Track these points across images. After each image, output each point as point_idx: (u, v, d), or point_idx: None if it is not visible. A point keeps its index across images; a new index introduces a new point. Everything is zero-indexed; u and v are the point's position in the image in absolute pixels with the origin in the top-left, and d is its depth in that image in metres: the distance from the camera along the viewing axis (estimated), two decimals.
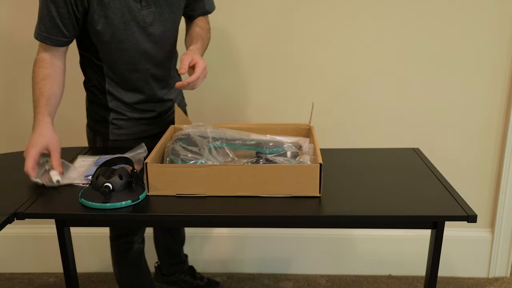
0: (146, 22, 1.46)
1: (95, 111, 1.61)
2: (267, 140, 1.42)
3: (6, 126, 2.15)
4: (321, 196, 1.25)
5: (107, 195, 1.20)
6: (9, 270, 2.34)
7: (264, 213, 1.20)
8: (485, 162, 2.12)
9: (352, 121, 2.08)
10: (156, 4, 1.46)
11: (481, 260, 2.25)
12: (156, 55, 1.54)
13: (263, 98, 2.07)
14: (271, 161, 1.31)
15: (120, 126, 1.59)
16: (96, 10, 1.40)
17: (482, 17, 1.92)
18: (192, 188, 1.26)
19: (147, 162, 1.24)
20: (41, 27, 1.42)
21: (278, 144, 1.39)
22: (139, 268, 1.82)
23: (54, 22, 1.40)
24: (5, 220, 1.17)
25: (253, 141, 1.40)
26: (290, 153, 1.35)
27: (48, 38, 1.43)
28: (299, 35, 1.97)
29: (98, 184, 1.22)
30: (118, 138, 1.60)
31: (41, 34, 1.43)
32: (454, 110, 2.05)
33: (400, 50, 1.98)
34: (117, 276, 1.83)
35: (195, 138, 1.38)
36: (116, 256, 1.79)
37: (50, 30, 1.42)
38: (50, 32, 1.42)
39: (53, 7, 1.38)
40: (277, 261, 2.30)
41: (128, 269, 1.81)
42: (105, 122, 1.59)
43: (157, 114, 1.63)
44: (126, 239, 1.74)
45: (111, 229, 1.75)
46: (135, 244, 1.76)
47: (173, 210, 1.22)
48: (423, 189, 1.32)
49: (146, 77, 1.55)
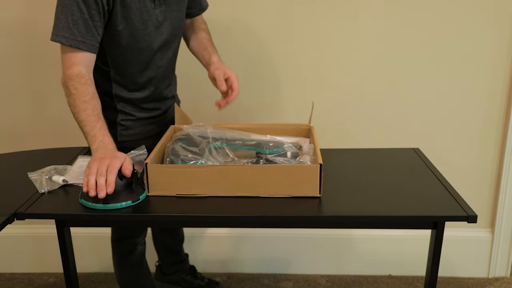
0: (159, 21, 1.46)
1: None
2: (267, 140, 1.43)
3: (6, 126, 2.15)
4: (321, 196, 1.25)
5: (107, 195, 1.20)
6: (9, 270, 2.34)
7: (264, 213, 1.20)
8: (485, 162, 2.12)
9: (352, 121, 2.08)
10: (166, 2, 1.46)
11: (481, 260, 2.24)
12: (166, 53, 1.54)
13: (263, 98, 2.06)
14: (271, 162, 1.31)
15: (128, 127, 1.58)
16: (119, 11, 1.36)
17: (482, 17, 1.92)
18: (192, 188, 1.26)
19: (147, 163, 1.24)
20: (74, 31, 1.30)
21: (278, 144, 1.39)
22: (141, 269, 1.82)
23: (88, 25, 1.31)
24: (5, 220, 1.17)
25: (253, 141, 1.41)
26: (290, 153, 1.35)
27: (84, 43, 1.32)
28: (299, 35, 1.97)
29: None
30: (126, 139, 1.58)
31: (74, 39, 1.31)
32: (454, 110, 2.05)
33: (400, 50, 1.98)
34: (118, 277, 1.83)
35: (195, 138, 1.38)
36: (118, 257, 1.78)
37: (85, 34, 1.31)
38: (85, 36, 1.32)
39: (85, 7, 1.30)
40: (277, 261, 2.30)
41: (130, 270, 1.81)
42: (113, 124, 1.56)
43: (161, 112, 1.63)
44: (129, 241, 1.74)
45: (113, 231, 1.75)
46: (138, 246, 1.76)
47: (173, 210, 1.22)
48: (423, 189, 1.32)
49: (156, 75, 1.55)
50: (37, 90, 2.08)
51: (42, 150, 1.67)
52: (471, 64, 1.98)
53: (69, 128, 2.11)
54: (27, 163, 1.49)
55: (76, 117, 1.34)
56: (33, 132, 2.14)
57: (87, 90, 1.33)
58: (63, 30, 1.31)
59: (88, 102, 1.32)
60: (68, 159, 1.51)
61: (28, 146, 1.80)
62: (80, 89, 1.32)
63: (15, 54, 2.04)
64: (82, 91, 1.32)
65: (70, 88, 1.33)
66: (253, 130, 1.53)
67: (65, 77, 1.35)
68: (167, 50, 1.54)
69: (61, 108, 2.10)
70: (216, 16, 1.73)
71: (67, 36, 1.31)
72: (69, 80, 1.33)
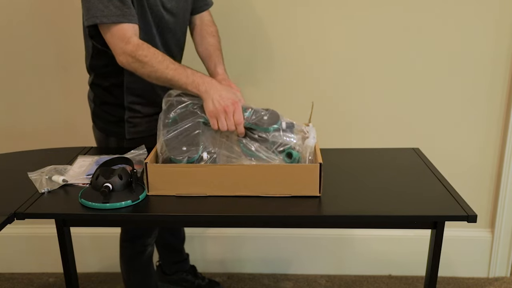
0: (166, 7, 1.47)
1: (108, 112, 1.59)
2: (262, 114, 1.36)
3: (6, 126, 2.15)
4: (321, 196, 1.25)
5: (107, 195, 1.20)
6: (9, 270, 2.34)
7: (264, 213, 1.20)
8: (485, 162, 2.12)
9: (352, 121, 2.08)
10: None
11: (481, 260, 2.24)
12: (178, 40, 1.55)
13: (263, 98, 2.06)
14: (265, 139, 1.30)
15: (136, 124, 1.58)
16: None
17: (482, 17, 1.92)
18: (192, 188, 1.26)
19: (146, 162, 1.24)
20: (111, 9, 1.31)
21: (274, 116, 1.35)
22: (148, 270, 1.82)
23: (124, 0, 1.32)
24: (5, 220, 1.17)
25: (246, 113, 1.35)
26: (285, 124, 1.34)
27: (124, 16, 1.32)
28: (299, 35, 1.97)
29: (98, 184, 1.22)
30: (134, 136, 1.59)
31: (114, 15, 1.31)
32: (454, 110, 2.05)
33: (400, 50, 1.98)
34: (125, 278, 1.82)
35: (188, 113, 1.35)
36: (128, 258, 1.78)
37: (122, 7, 1.32)
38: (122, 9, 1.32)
39: None
40: (277, 261, 2.30)
41: (138, 271, 1.80)
42: (121, 122, 1.57)
43: None
44: (140, 242, 1.73)
45: (123, 230, 1.75)
46: (148, 247, 1.76)
47: (173, 210, 1.22)
48: (423, 189, 1.32)
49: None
50: (37, 90, 2.08)
51: (42, 150, 1.67)
52: (471, 64, 1.98)
53: (69, 128, 2.12)
54: (27, 163, 1.49)
55: (163, 80, 1.34)
56: (33, 132, 2.14)
57: (155, 51, 1.34)
58: (99, 11, 1.31)
59: (164, 60, 1.33)
60: (68, 159, 1.51)
61: (28, 146, 1.80)
62: (149, 54, 1.33)
63: (15, 54, 2.04)
64: (152, 54, 1.33)
65: (140, 59, 1.32)
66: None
67: (127, 54, 1.34)
68: (179, 37, 1.55)
69: (61, 108, 2.11)
70: (215, 15, 1.73)
71: (107, 15, 1.31)
72: (135, 53, 1.33)
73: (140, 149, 1.47)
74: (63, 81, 2.06)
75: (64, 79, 2.05)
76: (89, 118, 1.67)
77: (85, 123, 1.73)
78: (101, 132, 1.63)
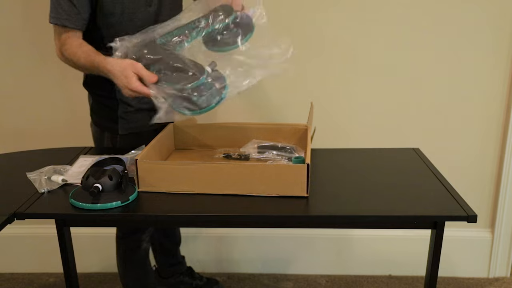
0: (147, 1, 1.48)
1: (102, 107, 1.60)
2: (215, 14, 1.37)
3: (6, 126, 2.15)
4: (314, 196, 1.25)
5: (96, 195, 1.19)
6: (9, 270, 2.34)
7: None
8: (485, 162, 2.12)
9: (352, 121, 2.08)
10: None
11: (481, 260, 2.24)
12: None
13: (262, 98, 2.06)
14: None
15: (129, 120, 1.59)
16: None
17: (482, 17, 1.92)
18: (181, 185, 1.27)
19: (137, 159, 1.25)
20: (59, 10, 1.40)
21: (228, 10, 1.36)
22: (144, 267, 1.82)
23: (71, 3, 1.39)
24: (5, 220, 1.17)
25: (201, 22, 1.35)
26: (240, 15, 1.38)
27: (69, 20, 1.41)
28: (299, 35, 1.97)
29: (88, 184, 1.22)
30: (127, 132, 1.60)
31: (59, 17, 1.41)
32: (454, 110, 2.05)
33: (400, 50, 1.98)
34: (122, 275, 1.83)
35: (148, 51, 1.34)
36: (122, 254, 1.79)
37: (70, 12, 1.40)
38: (69, 14, 1.40)
39: None
40: (277, 261, 2.30)
41: (134, 268, 1.81)
42: (114, 117, 1.58)
43: None
44: (134, 238, 1.74)
45: (118, 228, 1.75)
46: (142, 243, 1.76)
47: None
48: (423, 189, 1.32)
49: None
50: (37, 90, 2.08)
51: (42, 150, 1.67)
52: (471, 64, 1.98)
53: (69, 128, 2.12)
54: (27, 163, 1.49)
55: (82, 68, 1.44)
56: (33, 132, 2.14)
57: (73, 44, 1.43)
58: (52, 10, 1.42)
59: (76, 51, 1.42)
60: (68, 159, 1.51)
61: (28, 146, 1.80)
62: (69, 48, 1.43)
63: (15, 54, 2.04)
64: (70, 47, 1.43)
65: (65, 54, 1.44)
66: (252, 129, 1.54)
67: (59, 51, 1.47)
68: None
69: (61, 108, 2.11)
70: None
71: (53, 16, 1.42)
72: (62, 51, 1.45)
73: (139, 149, 1.47)
74: (63, 81, 2.06)
75: (64, 79, 2.05)
76: (89, 118, 1.68)
77: (85, 123, 1.73)
78: (97, 128, 1.65)
